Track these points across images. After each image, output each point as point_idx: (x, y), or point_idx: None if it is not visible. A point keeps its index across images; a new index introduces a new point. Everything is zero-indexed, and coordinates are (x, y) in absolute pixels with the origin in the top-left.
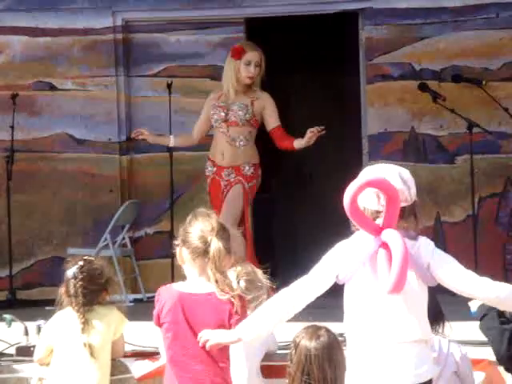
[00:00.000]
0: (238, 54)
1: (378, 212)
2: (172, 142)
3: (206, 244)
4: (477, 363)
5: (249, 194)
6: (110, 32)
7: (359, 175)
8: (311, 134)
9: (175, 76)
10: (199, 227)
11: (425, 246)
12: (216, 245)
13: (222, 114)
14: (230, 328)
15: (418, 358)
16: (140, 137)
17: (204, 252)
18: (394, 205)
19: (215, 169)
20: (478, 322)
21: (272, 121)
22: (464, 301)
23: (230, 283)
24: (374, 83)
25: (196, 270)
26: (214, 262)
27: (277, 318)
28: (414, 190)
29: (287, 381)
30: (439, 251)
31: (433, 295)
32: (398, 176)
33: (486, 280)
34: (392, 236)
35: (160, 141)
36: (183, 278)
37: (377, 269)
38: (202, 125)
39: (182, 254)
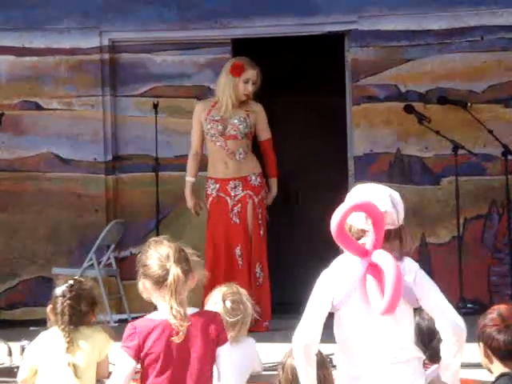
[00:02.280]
0: (238, 72)
1: (363, 231)
2: (191, 180)
3: (167, 271)
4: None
5: (258, 210)
6: (96, 52)
7: (350, 193)
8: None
9: (161, 96)
10: (156, 256)
11: (408, 267)
12: (174, 271)
13: (220, 127)
14: (215, 348)
15: (413, 376)
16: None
17: (166, 280)
18: (379, 228)
19: (218, 185)
20: (473, 344)
21: (264, 134)
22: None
23: (182, 313)
24: (360, 104)
25: (162, 299)
26: (170, 289)
27: (314, 368)
28: (402, 215)
29: None
30: (422, 275)
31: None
32: (388, 198)
33: (455, 322)
34: (383, 257)
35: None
36: None
37: (366, 291)
38: (200, 136)
39: (146, 287)
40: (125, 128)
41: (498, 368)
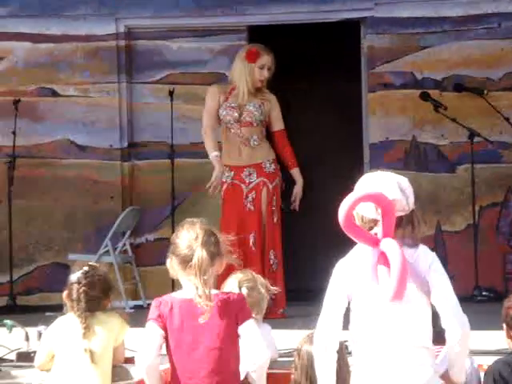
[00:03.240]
0: (253, 58)
1: (375, 221)
2: (216, 154)
3: (193, 252)
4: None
5: (273, 197)
6: (112, 39)
7: (358, 183)
8: (295, 197)
9: (177, 83)
10: (186, 237)
11: (424, 256)
12: (199, 254)
13: (236, 114)
14: (235, 328)
15: (423, 366)
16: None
17: (192, 260)
18: (389, 217)
19: (233, 173)
20: (490, 331)
21: (277, 123)
22: (478, 311)
23: (207, 293)
24: (376, 92)
25: (187, 278)
26: (195, 269)
27: (334, 366)
28: (412, 199)
29: None
30: (436, 265)
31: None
32: (396, 185)
33: (459, 323)
34: (390, 245)
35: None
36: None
37: (377, 279)
38: (214, 115)
39: (173, 265)
40: (140, 115)
41: None
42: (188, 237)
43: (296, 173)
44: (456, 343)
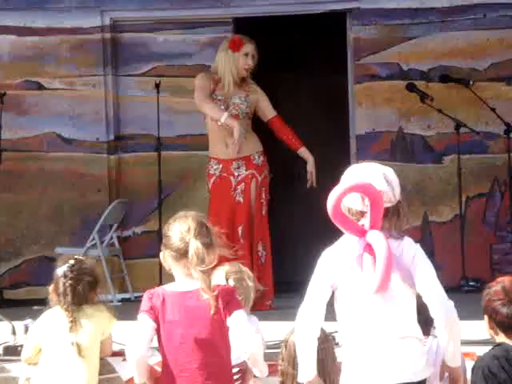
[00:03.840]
0: (237, 47)
1: (362, 212)
2: (224, 116)
3: (186, 245)
4: (466, 354)
5: (262, 189)
6: (98, 31)
7: (344, 174)
8: (310, 175)
9: (163, 75)
10: (178, 229)
11: (408, 247)
12: (194, 244)
13: (222, 107)
14: (225, 318)
15: (412, 356)
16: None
17: (185, 253)
18: (377, 208)
19: (221, 166)
20: (477, 321)
21: (269, 111)
22: (465, 301)
23: (209, 283)
24: (362, 83)
25: (181, 270)
26: (194, 260)
27: (314, 353)
28: (398, 190)
29: (279, 379)
30: (420, 256)
31: None
32: (382, 177)
33: (445, 310)
34: (376, 237)
35: (230, 123)
36: (171, 277)
37: (362, 269)
38: (209, 92)
39: (166, 257)
40: (127, 108)
41: (502, 339)
42: (180, 229)
43: (304, 152)
44: (444, 329)
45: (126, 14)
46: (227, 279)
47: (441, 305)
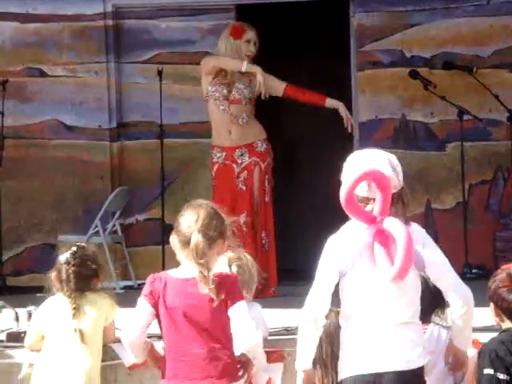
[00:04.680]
0: (239, 34)
1: (367, 199)
2: (245, 64)
3: (191, 234)
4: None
5: (265, 177)
6: (100, 18)
7: (347, 161)
8: (346, 119)
9: (166, 62)
10: (188, 217)
11: (417, 233)
12: (196, 238)
13: (225, 91)
14: (226, 307)
15: (409, 343)
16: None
17: (190, 241)
18: (387, 194)
19: (224, 153)
20: (481, 308)
21: (279, 84)
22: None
23: (207, 276)
24: (365, 70)
25: (185, 257)
26: (193, 253)
27: (317, 340)
28: (401, 176)
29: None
30: (430, 240)
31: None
32: (387, 163)
33: (464, 295)
34: (394, 225)
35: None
36: (174, 264)
37: (373, 257)
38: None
39: (174, 242)
40: (129, 95)
41: (509, 325)
42: (190, 218)
43: (330, 101)
44: (462, 314)
45: (129, 1)
46: (230, 266)
47: (459, 290)
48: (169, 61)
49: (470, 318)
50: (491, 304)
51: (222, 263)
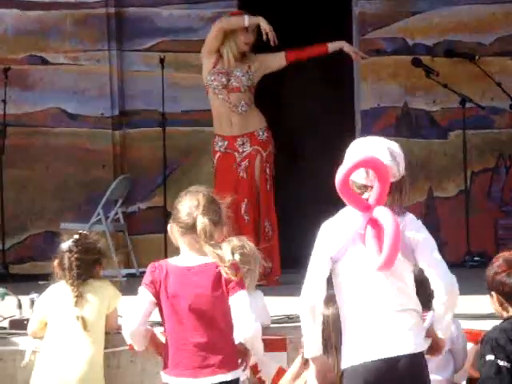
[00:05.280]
0: None
1: (365, 187)
2: (247, 17)
3: (194, 220)
4: (469, 334)
5: (267, 165)
6: (102, 6)
7: (349, 148)
8: (354, 53)
9: (168, 51)
10: (187, 204)
11: (410, 224)
12: (202, 220)
13: (223, 79)
14: (227, 295)
15: (413, 328)
16: None
17: (192, 228)
18: (384, 183)
19: (226, 142)
20: (482, 296)
21: (278, 56)
22: (470, 276)
23: (221, 255)
24: (367, 58)
25: (186, 245)
26: (202, 236)
27: (320, 328)
28: (402, 165)
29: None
30: (423, 233)
31: None
32: (387, 152)
33: (447, 283)
34: (383, 214)
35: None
36: (176, 252)
37: (365, 245)
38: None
39: (173, 230)
40: (131, 83)
41: (511, 314)
42: (189, 204)
43: (332, 45)
44: (444, 302)
45: None
46: (233, 254)
47: (443, 277)
48: (171, 49)
49: (451, 306)
50: (492, 294)
51: (226, 251)
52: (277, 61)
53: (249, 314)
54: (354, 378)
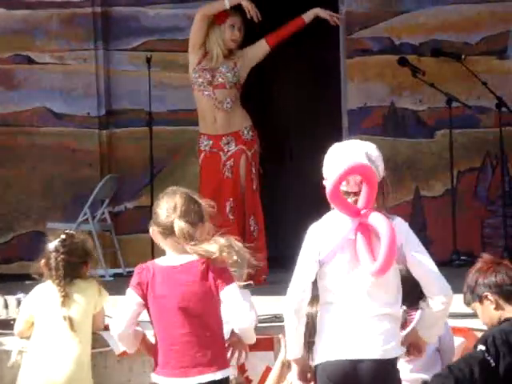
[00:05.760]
0: (222, 19)
1: (347, 193)
2: (227, 2)
3: (172, 223)
4: (457, 331)
5: (252, 164)
6: (88, 5)
7: (328, 154)
8: (329, 17)
9: (154, 50)
10: (165, 207)
11: (399, 227)
12: (178, 224)
13: (208, 76)
14: (217, 291)
15: (385, 334)
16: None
17: (172, 230)
18: (372, 188)
19: (211, 141)
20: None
21: (258, 43)
22: (456, 275)
23: (205, 250)
24: (354, 58)
25: (169, 246)
26: (181, 239)
27: (303, 328)
28: (381, 167)
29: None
30: (412, 236)
31: None
32: (364, 156)
33: (444, 291)
34: (378, 220)
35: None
36: (163, 252)
37: (355, 250)
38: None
39: (155, 234)
40: (118, 82)
41: (510, 313)
42: (167, 207)
43: (307, 15)
44: (439, 310)
45: None
46: (221, 252)
47: (440, 286)
48: (157, 48)
49: (444, 316)
50: (487, 294)
51: (214, 249)
52: (260, 48)
53: (243, 303)
54: (320, 375)
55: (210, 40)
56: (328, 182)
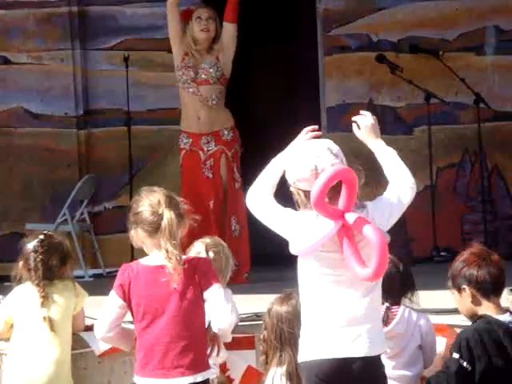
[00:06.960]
0: (187, 16)
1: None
2: None
3: (159, 217)
4: (439, 330)
5: (233, 164)
6: (65, 4)
7: (292, 156)
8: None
9: (132, 49)
10: (147, 203)
11: (373, 210)
12: (168, 215)
13: (192, 73)
14: (201, 292)
15: (370, 331)
16: None
17: (159, 225)
18: (353, 190)
19: (191, 140)
20: (446, 291)
21: (223, 29)
22: (437, 271)
23: (179, 254)
24: (332, 55)
25: (155, 245)
26: (165, 232)
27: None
28: (344, 159)
29: (262, 346)
30: (380, 198)
31: (406, 266)
32: (328, 152)
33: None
34: (366, 227)
35: None
36: (143, 253)
37: (337, 247)
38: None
39: (138, 236)
40: (96, 82)
41: (485, 309)
42: (149, 203)
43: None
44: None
45: None
46: (207, 251)
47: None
48: (135, 47)
49: (403, 168)
50: (464, 287)
51: (200, 248)
52: (226, 31)
53: (225, 305)
54: (307, 372)
55: (185, 40)
56: (312, 191)
